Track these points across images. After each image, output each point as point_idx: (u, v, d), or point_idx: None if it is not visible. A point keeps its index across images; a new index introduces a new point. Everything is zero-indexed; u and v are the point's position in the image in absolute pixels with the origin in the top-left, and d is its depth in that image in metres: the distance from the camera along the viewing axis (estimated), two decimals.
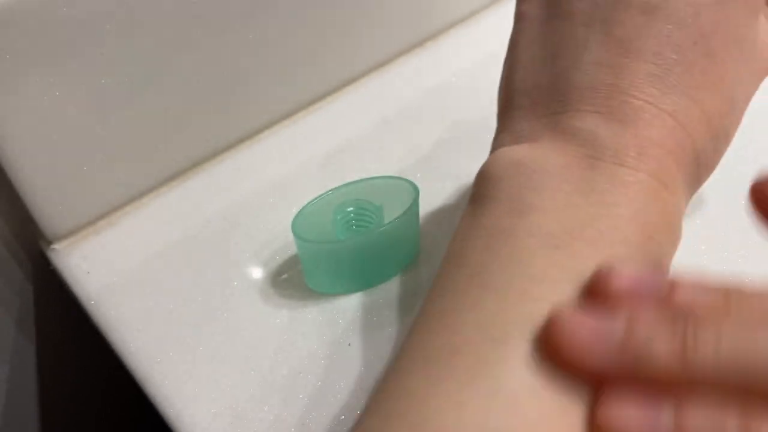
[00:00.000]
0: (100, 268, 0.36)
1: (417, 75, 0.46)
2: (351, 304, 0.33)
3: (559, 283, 0.20)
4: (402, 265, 0.34)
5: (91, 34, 0.33)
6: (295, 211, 0.33)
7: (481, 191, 0.24)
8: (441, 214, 0.36)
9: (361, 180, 0.34)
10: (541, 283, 0.20)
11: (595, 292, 0.19)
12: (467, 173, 0.38)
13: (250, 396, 0.30)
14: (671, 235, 0.22)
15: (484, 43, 0.47)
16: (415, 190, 0.32)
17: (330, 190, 0.34)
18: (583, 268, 0.20)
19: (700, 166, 0.24)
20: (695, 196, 0.26)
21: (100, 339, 0.33)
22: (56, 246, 0.37)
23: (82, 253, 0.37)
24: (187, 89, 0.38)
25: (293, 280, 0.34)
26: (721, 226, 0.34)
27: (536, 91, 0.25)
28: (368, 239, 0.32)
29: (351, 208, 0.33)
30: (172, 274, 0.35)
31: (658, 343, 0.17)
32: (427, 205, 0.36)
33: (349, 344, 0.31)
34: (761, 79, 0.26)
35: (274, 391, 0.30)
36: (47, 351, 0.44)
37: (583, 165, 0.22)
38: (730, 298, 0.18)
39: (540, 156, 0.23)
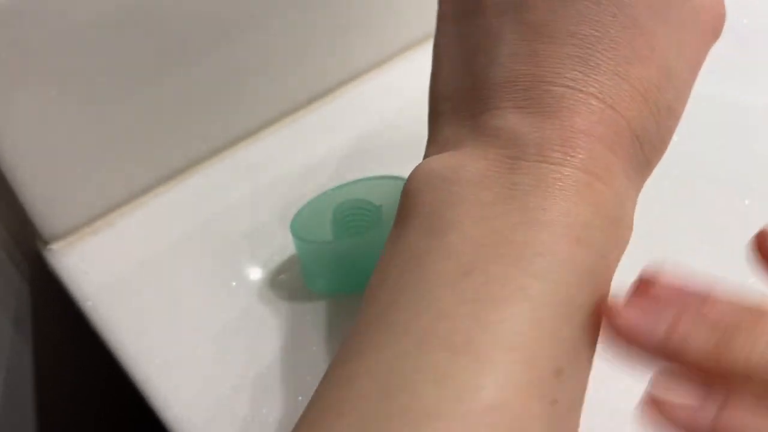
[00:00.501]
0: (97, 268, 0.36)
1: (417, 74, 0.45)
2: (350, 304, 0.32)
3: (464, 318, 0.18)
4: None
5: (89, 34, 0.33)
6: (294, 211, 0.32)
7: (403, 208, 0.22)
8: None
9: (361, 180, 0.34)
10: (446, 321, 0.18)
11: (638, 293, 0.19)
12: None
13: (249, 397, 0.29)
14: (612, 228, 0.21)
15: None
16: None
17: (329, 190, 0.33)
18: (492, 298, 0.18)
19: (643, 146, 0.22)
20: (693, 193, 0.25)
21: (97, 340, 0.33)
22: (53, 246, 0.37)
23: (80, 253, 0.37)
24: (185, 89, 0.38)
25: (292, 280, 0.34)
26: (720, 224, 0.34)
27: (457, 94, 0.24)
28: (367, 239, 0.31)
29: (350, 209, 0.33)
30: (170, 275, 0.35)
31: (696, 342, 0.17)
32: None
33: None
34: (708, 44, 0.24)
35: (272, 392, 0.30)
36: (44, 352, 0.43)
37: (504, 168, 0.21)
38: (763, 316, 0.18)
39: (459, 164, 0.21)
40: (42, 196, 0.36)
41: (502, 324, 0.18)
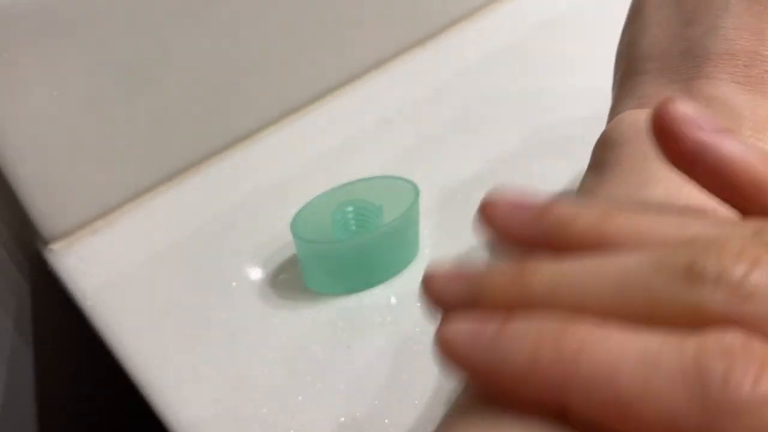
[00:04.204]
0: (97, 268, 0.36)
1: (417, 74, 0.45)
2: (350, 304, 0.32)
3: None
4: (402, 265, 0.33)
5: (89, 34, 0.33)
6: (294, 211, 0.32)
7: (602, 158, 0.22)
8: (441, 214, 0.36)
9: (361, 180, 0.34)
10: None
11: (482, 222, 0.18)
12: (467, 173, 0.38)
13: (249, 397, 0.29)
14: None
15: (484, 42, 0.47)
16: (415, 190, 0.32)
17: (329, 190, 0.33)
18: None
19: None
20: None
21: (97, 340, 0.33)
22: (53, 246, 0.37)
23: (79, 253, 0.37)
24: (185, 89, 0.38)
25: (292, 280, 0.34)
26: None
27: (666, 56, 0.23)
28: (368, 239, 0.31)
29: (350, 208, 0.33)
30: (170, 275, 0.35)
31: (496, 275, 0.16)
32: (427, 205, 0.36)
33: (348, 346, 0.31)
34: None
35: (272, 392, 0.29)
36: (44, 352, 0.43)
37: None
38: (606, 214, 0.17)
39: None
40: (42, 197, 0.36)
41: None
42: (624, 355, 0.13)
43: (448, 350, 0.15)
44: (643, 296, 0.14)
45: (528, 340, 0.14)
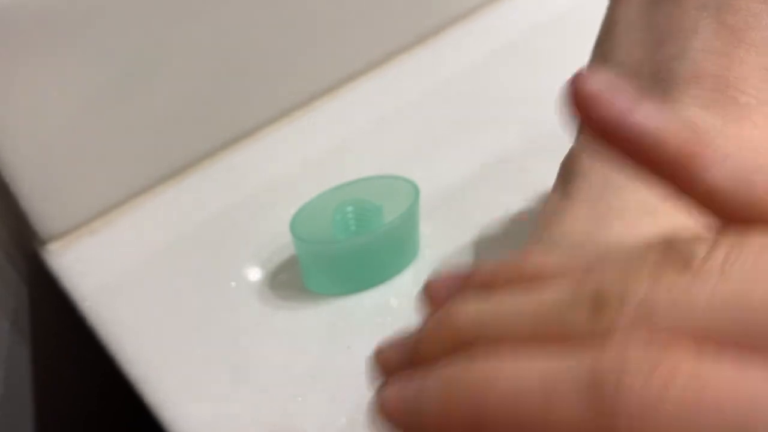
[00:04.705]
0: (95, 268, 0.36)
1: (417, 74, 0.45)
2: (350, 305, 0.32)
3: None
4: (402, 265, 0.33)
5: (87, 33, 0.33)
6: (293, 211, 0.32)
7: (566, 181, 0.23)
8: (441, 214, 0.36)
9: (361, 180, 0.34)
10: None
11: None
12: (468, 173, 0.38)
13: (248, 399, 0.29)
14: None
15: (484, 42, 0.47)
16: (415, 190, 0.32)
17: (329, 190, 0.33)
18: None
19: None
20: None
21: (95, 340, 0.33)
22: (51, 246, 0.37)
23: (78, 253, 0.37)
24: (184, 88, 0.38)
25: (291, 280, 0.34)
26: None
27: (636, 78, 0.23)
28: (368, 239, 0.31)
29: (350, 208, 0.33)
30: (169, 275, 0.35)
31: (426, 328, 0.17)
32: (427, 205, 0.36)
33: (348, 347, 0.31)
34: None
35: (271, 393, 0.29)
36: (42, 352, 0.43)
37: None
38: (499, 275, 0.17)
39: None
40: (40, 197, 0.36)
41: None
42: (527, 381, 0.13)
43: (383, 413, 0.15)
44: (557, 327, 0.14)
45: (441, 384, 0.14)
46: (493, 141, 0.40)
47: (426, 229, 0.35)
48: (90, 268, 0.36)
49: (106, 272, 0.35)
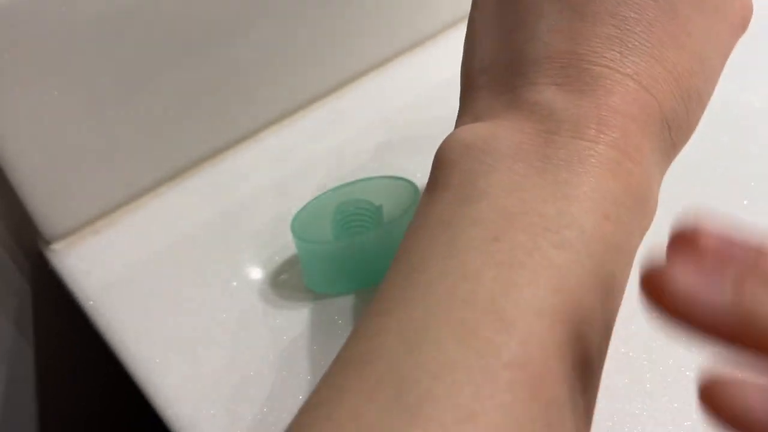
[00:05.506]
0: (98, 268, 0.36)
1: (417, 74, 0.46)
2: (350, 304, 0.32)
3: (489, 281, 0.19)
4: None
5: (90, 34, 0.33)
6: (294, 211, 0.33)
7: (434, 177, 0.23)
8: None
9: (361, 180, 0.34)
10: (472, 282, 0.19)
11: (681, 245, 0.16)
12: None
13: (249, 397, 0.30)
14: (639, 207, 0.21)
15: None
16: (415, 190, 0.32)
17: (329, 190, 0.33)
18: (518, 264, 0.19)
19: (671, 130, 0.22)
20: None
21: (99, 339, 0.33)
22: (55, 246, 0.37)
23: (81, 253, 0.37)
24: (186, 88, 0.38)
25: (292, 280, 0.34)
26: None
27: (494, 67, 0.24)
28: (368, 239, 0.31)
29: (350, 209, 0.33)
30: (171, 275, 0.35)
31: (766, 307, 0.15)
32: None
33: None
34: (737, 35, 0.24)
35: (272, 392, 0.30)
36: (45, 351, 0.43)
37: (539, 142, 0.21)
38: None
39: (493, 135, 0.22)
40: (43, 196, 0.36)
41: (527, 288, 0.19)
42: None
43: (733, 411, 0.14)
44: None
45: None
46: None
47: None
48: (93, 267, 0.36)
49: (109, 272, 0.36)
